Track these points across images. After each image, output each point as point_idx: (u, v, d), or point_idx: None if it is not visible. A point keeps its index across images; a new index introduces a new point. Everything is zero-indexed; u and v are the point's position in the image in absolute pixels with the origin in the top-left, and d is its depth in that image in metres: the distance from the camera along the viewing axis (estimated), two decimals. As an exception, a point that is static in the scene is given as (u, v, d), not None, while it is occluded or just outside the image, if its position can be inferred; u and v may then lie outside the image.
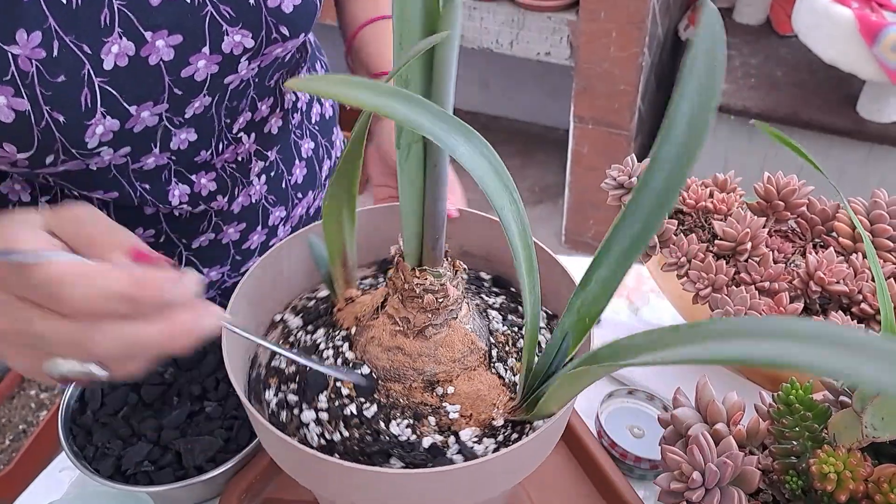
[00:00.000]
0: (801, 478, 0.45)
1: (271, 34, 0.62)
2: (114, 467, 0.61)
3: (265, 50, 0.63)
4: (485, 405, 0.47)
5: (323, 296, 0.57)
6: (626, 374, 0.75)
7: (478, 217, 0.60)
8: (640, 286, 0.88)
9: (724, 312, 0.62)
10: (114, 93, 0.55)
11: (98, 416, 0.65)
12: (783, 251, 0.68)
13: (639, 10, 1.73)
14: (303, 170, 0.84)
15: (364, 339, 0.49)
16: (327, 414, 0.47)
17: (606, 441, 0.67)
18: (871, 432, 0.41)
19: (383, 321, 0.48)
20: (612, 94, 1.89)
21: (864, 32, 1.34)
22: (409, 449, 0.45)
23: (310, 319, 0.55)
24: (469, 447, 0.45)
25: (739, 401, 0.52)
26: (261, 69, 0.66)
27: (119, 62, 0.55)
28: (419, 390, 0.47)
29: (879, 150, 1.60)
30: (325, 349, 0.51)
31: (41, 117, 0.52)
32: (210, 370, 0.67)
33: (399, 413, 0.47)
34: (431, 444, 0.45)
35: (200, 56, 0.59)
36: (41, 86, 0.51)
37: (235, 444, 0.62)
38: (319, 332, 0.53)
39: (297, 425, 0.47)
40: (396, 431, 0.46)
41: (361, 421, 0.46)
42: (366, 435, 0.46)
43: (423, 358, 0.47)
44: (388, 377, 0.48)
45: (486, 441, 0.46)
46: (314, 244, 0.56)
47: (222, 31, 0.59)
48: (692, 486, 0.46)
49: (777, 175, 0.72)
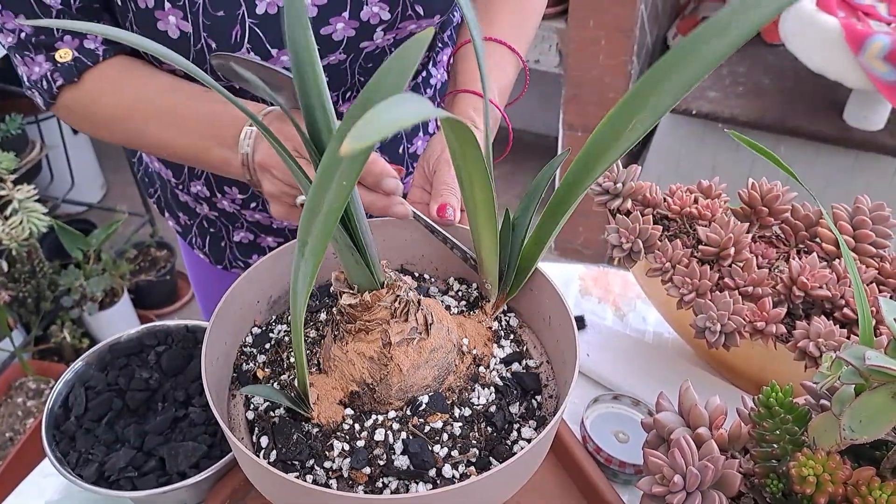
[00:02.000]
0: (782, 481, 0.46)
1: (406, 11, 0.69)
2: (97, 473, 0.61)
3: (400, 24, 0.70)
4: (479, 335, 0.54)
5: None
6: (612, 379, 0.75)
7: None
8: (626, 292, 0.88)
9: (707, 318, 0.63)
10: (260, 34, 0.64)
11: (82, 422, 0.64)
12: (767, 256, 0.69)
13: (628, 18, 1.74)
14: (423, 142, 0.86)
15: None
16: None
17: (591, 446, 0.67)
18: (850, 434, 0.41)
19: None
20: (601, 101, 1.90)
21: (850, 41, 1.35)
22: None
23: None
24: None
25: (722, 405, 0.52)
26: (396, 40, 0.72)
27: (269, 10, 0.64)
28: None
29: (866, 157, 1.61)
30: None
31: (198, 40, 0.63)
32: (195, 376, 0.67)
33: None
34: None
35: (340, 19, 0.66)
36: (204, 16, 0.62)
37: (219, 450, 0.62)
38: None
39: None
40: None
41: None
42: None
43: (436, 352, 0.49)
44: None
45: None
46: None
47: (362, 2, 0.66)
48: (673, 489, 0.46)
49: (761, 181, 0.72)
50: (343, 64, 0.71)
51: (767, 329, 0.61)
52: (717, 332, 0.62)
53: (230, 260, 0.91)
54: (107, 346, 0.70)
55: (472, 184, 0.45)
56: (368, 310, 0.46)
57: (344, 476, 0.46)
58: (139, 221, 2.10)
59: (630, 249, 0.68)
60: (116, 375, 0.67)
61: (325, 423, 0.47)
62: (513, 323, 0.57)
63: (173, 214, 0.91)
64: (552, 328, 0.54)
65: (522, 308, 0.58)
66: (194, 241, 0.91)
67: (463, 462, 0.46)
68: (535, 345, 0.56)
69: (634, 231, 0.68)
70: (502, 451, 0.48)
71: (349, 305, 0.46)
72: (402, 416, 0.48)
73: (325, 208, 0.35)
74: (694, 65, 0.36)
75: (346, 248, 0.43)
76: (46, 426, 0.64)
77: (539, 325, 0.56)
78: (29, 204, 1.34)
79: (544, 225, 0.50)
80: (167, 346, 0.70)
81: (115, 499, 0.60)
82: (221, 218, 0.86)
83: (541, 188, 0.53)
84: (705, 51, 0.36)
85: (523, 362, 0.54)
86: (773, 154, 0.49)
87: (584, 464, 0.65)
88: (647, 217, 0.69)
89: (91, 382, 0.67)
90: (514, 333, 0.56)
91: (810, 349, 0.59)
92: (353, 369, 0.47)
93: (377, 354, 0.47)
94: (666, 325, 0.81)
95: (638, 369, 0.76)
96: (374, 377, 0.47)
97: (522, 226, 0.52)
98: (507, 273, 0.54)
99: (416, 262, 0.63)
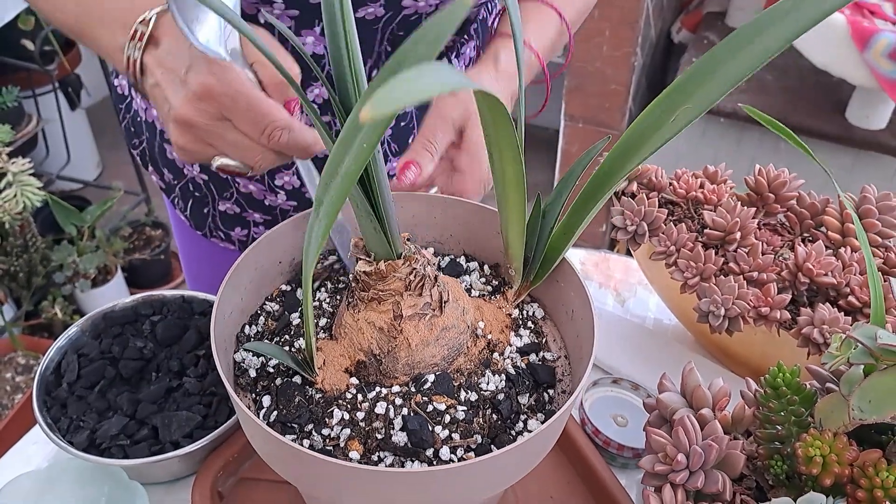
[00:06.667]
0: (786, 463, 0.45)
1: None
2: (88, 440, 0.60)
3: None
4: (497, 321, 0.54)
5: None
6: (611, 363, 0.74)
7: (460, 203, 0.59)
8: (627, 278, 0.88)
9: (711, 301, 0.62)
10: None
11: (74, 389, 0.63)
12: (772, 244, 0.68)
13: (633, 11, 1.73)
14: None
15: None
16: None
17: (590, 429, 0.66)
18: (859, 415, 0.41)
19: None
20: (603, 93, 1.89)
21: (855, 38, 1.35)
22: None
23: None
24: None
25: (725, 387, 0.52)
26: (439, 8, 0.68)
27: None
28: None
29: (866, 155, 1.61)
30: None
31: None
32: (190, 346, 0.66)
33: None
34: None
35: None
36: None
37: (213, 421, 0.61)
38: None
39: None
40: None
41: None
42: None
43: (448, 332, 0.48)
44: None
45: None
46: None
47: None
48: (676, 468, 0.46)
49: (768, 167, 0.71)
50: (377, 23, 0.68)
51: (771, 315, 0.61)
52: (720, 316, 0.62)
53: (211, 229, 0.88)
54: (101, 313, 0.68)
55: (503, 159, 0.44)
56: (383, 279, 0.45)
57: (340, 445, 0.45)
58: (134, 200, 2.08)
59: (635, 232, 0.68)
60: (110, 343, 0.66)
61: (328, 389, 0.46)
62: (537, 314, 0.56)
63: (157, 170, 0.86)
64: (574, 322, 0.52)
65: (547, 300, 0.56)
66: (176, 202, 0.88)
67: (463, 447, 0.45)
68: (556, 338, 0.54)
69: (640, 213, 0.67)
70: (505, 441, 0.46)
71: (364, 273, 0.45)
72: (405, 392, 0.47)
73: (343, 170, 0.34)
74: (747, 55, 0.36)
75: (366, 214, 0.42)
76: (37, 392, 0.62)
77: (561, 317, 0.55)
78: (23, 177, 1.32)
79: (574, 214, 0.49)
80: (162, 315, 0.69)
81: (106, 467, 0.59)
82: (211, 182, 0.82)
83: (576, 175, 0.51)
84: (758, 42, 0.35)
85: (540, 354, 0.52)
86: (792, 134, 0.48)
87: (583, 447, 0.64)
88: (652, 200, 0.69)
89: (84, 350, 0.66)
90: (536, 324, 0.55)
91: (814, 336, 0.59)
92: (363, 338, 0.46)
93: (387, 326, 0.46)
94: (666, 312, 0.80)
95: (638, 354, 0.75)
96: (381, 349, 0.46)
97: (553, 213, 0.51)
98: (533, 261, 0.53)
99: (445, 240, 0.61)
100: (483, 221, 0.58)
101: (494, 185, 0.48)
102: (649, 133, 0.42)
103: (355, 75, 0.42)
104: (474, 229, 0.59)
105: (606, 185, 0.45)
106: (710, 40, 1.88)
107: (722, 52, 0.39)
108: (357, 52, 0.42)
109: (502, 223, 0.50)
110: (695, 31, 1.98)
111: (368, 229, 0.44)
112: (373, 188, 0.43)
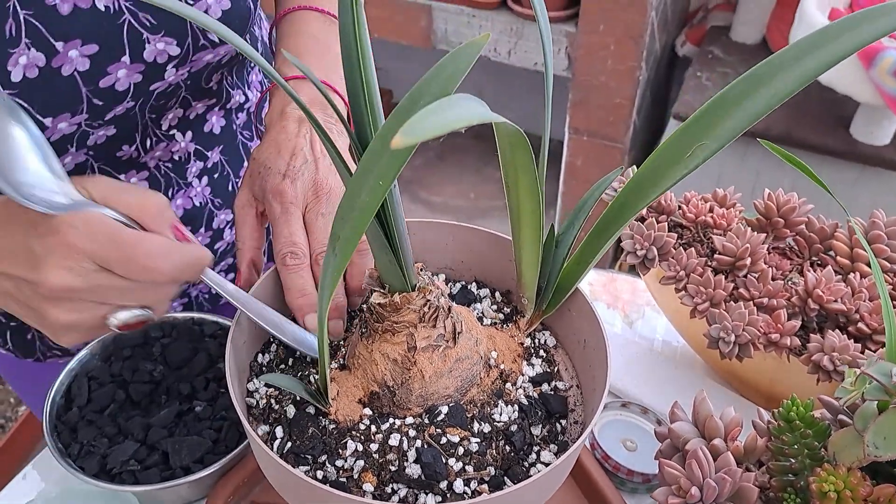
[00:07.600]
0: (799, 496, 0.45)
1: (199, 41, 0.59)
2: (99, 466, 0.60)
3: (193, 57, 0.60)
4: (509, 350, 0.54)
5: None
6: (620, 386, 0.74)
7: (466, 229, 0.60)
8: (635, 298, 0.88)
9: (721, 328, 0.62)
10: (25, 105, 0.52)
11: (84, 414, 0.63)
12: (781, 268, 0.68)
13: (637, 25, 1.74)
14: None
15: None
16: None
17: (599, 453, 0.66)
18: (874, 451, 0.41)
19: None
20: (608, 106, 1.89)
21: (861, 55, 1.35)
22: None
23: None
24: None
25: (737, 417, 0.52)
26: (192, 73, 0.63)
27: (28, 73, 0.52)
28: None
29: (871, 171, 1.62)
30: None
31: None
32: (200, 369, 0.66)
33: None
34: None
35: (120, 65, 0.56)
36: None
37: (224, 446, 0.61)
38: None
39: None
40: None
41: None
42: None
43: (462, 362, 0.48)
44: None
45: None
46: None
47: (143, 40, 0.56)
48: (690, 500, 0.46)
49: (777, 192, 0.72)
50: (132, 111, 0.61)
51: (782, 341, 0.61)
52: (730, 342, 0.62)
53: (43, 352, 0.78)
54: (111, 336, 0.68)
55: (519, 191, 0.44)
56: (397, 311, 0.45)
57: (354, 476, 0.45)
58: None
59: (644, 256, 0.68)
60: (120, 367, 0.66)
61: (342, 420, 0.47)
62: (549, 343, 0.56)
63: None
64: (586, 352, 0.52)
65: (559, 328, 0.57)
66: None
67: (476, 479, 0.46)
68: (567, 367, 0.55)
69: (649, 238, 0.68)
70: (518, 473, 0.47)
71: (378, 304, 0.45)
72: (419, 424, 0.47)
73: (360, 204, 0.34)
74: (775, 85, 0.36)
75: (381, 247, 0.43)
76: (48, 417, 0.62)
77: (573, 347, 0.55)
78: None
79: (588, 246, 0.49)
80: (172, 338, 0.69)
81: (116, 492, 0.59)
82: None
83: (589, 205, 0.52)
84: (774, 83, 0.35)
85: (552, 383, 0.53)
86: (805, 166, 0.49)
87: (592, 471, 0.64)
88: (661, 224, 0.69)
89: (94, 373, 0.66)
90: (548, 353, 0.55)
91: (824, 363, 0.59)
92: (376, 369, 0.47)
93: (401, 357, 0.46)
94: (675, 334, 0.80)
95: (647, 377, 0.75)
96: (395, 380, 0.46)
97: (566, 243, 0.51)
98: (546, 290, 0.53)
99: (455, 267, 0.61)
100: (494, 248, 0.58)
101: (509, 214, 0.48)
102: (664, 169, 0.42)
103: (371, 109, 0.42)
104: (485, 255, 0.59)
105: (621, 218, 0.46)
106: (714, 54, 1.88)
107: (737, 90, 0.39)
108: (374, 85, 0.42)
109: (516, 252, 0.50)
110: (699, 45, 1.99)
111: (384, 261, 0.44)
112: (388, 220, 0.43)
